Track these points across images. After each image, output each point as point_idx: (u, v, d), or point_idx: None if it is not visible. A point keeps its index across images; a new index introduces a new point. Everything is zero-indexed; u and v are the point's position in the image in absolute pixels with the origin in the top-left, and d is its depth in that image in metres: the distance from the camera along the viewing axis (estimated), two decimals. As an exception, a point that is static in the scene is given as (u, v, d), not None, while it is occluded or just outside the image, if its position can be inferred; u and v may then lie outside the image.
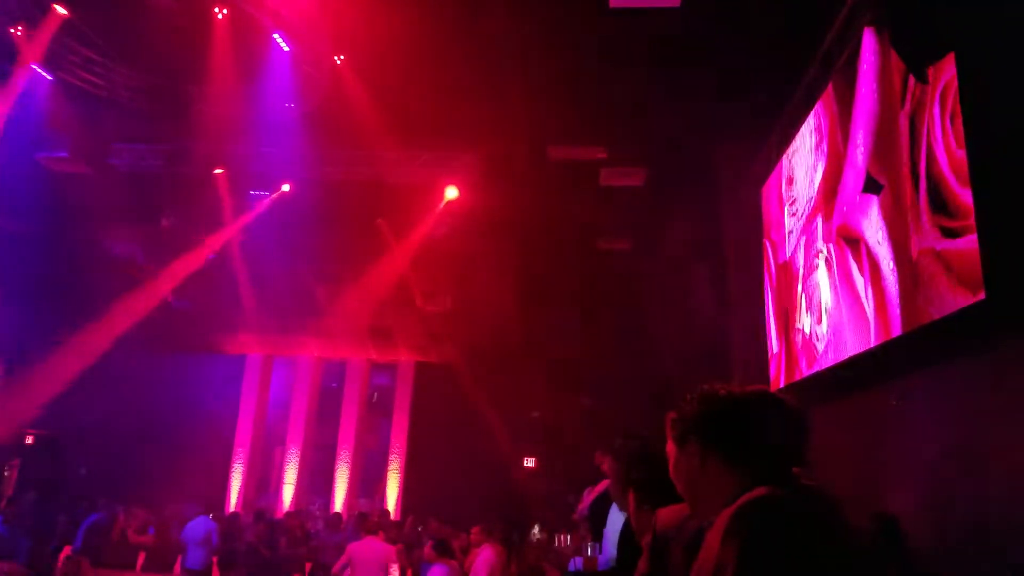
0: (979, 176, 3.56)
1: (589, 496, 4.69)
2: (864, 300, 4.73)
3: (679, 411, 1.71)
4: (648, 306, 10.73)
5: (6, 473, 11.83)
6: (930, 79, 4.01)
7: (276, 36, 8.82)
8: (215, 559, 7.92)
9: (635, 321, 11.28)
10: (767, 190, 7.57)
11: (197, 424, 12.34)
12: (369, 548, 7.03)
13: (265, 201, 11.43)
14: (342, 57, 8.93)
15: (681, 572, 1.79)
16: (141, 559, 8.82)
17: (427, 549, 6.65)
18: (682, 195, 9.52)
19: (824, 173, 5.69)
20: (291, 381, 13.96)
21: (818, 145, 5.90)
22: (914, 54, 4.25)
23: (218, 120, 9.71)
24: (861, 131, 4.86)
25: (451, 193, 10.84)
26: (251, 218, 11.51)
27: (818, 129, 5.92)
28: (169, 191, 11.13)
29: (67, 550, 7.91)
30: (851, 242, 5.03)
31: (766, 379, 7.38)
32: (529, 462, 12.67)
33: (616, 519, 3.43)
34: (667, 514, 2.19)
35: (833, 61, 5.60)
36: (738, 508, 1.44)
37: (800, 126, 6.42)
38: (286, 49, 8.99)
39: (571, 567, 5.02)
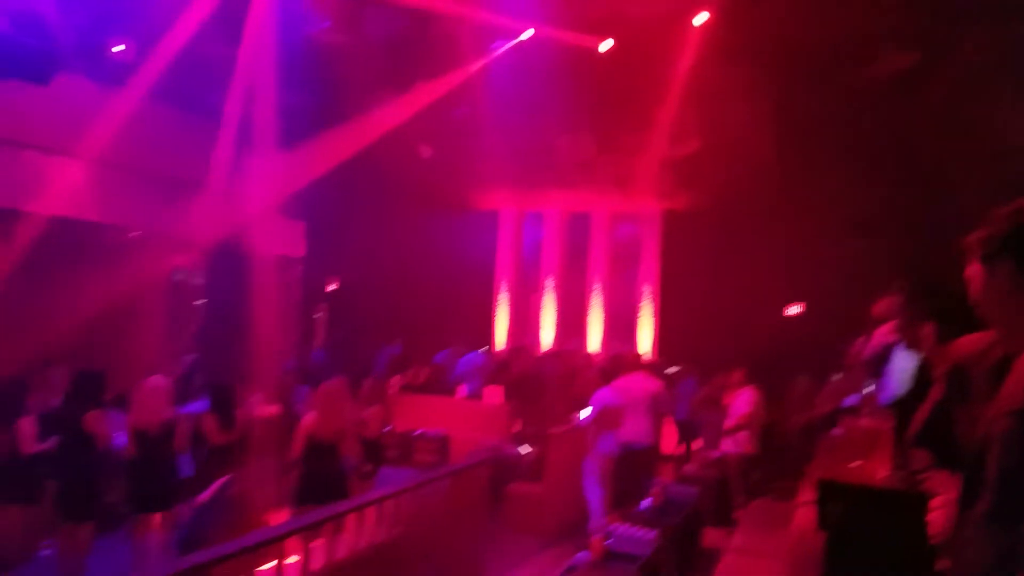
0: None
1: (867, 341, 4.63)
2: None
3: (988, 229, 1.64)
4: (936, 134, 9.55)
5: (316, 316, 14.45)
6: None
7: None
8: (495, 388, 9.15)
9: (918, 151, 10.14)
10: None
11: (462, 275, 13.82)
12: (635, 383, 7.63)
13: (508, 52, 11.78)
14: None
15: (985, 400, 1.78)
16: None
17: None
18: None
19: None
20: (540, 232, 14.85)
21: None
22: None
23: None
24: None
25: (701, 18, 10.25)
26: (496, 71, 11.99)
27: None
28: (418, 51, 11.86)
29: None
30: None
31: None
32: (794, 308, 12.38)
33: (900, 358, 3.43)
34: (967, 343, 2.18)
35: None
36: None
37: None
38: None
39: (845, 404, 5.15)
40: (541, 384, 9.64)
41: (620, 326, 14.19)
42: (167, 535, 5.75)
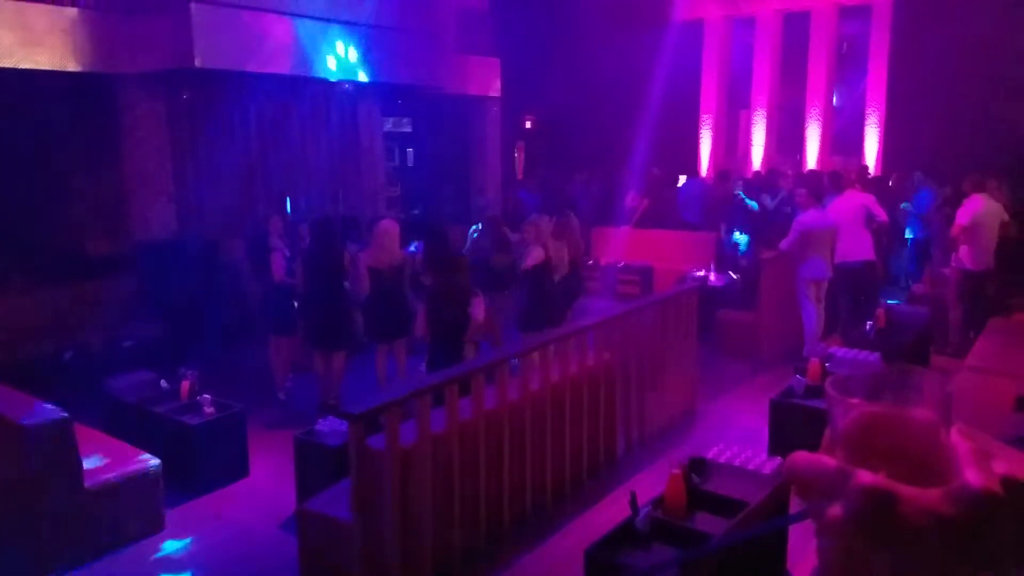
0: None
1: None
2: None
3: None
4: None
5: (516, 155, 14.89)
6: None
7: None
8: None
9: None
10: None
11: (663, 94, 13.35)
12: (845, 200, 7.35)
13: None
14: None
15: None
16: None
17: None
18: None
19: None
20: (751, 41, 13.78)
21: None
22: None
23: None
24: None
25: None
26: None
27: None
28: None
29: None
30: None
31: None
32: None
33: None
34: None
35: None
36: None
37: None
38: None
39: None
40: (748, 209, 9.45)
41: (843, 138, 13.20)
42: (402, 359, 6.66)
